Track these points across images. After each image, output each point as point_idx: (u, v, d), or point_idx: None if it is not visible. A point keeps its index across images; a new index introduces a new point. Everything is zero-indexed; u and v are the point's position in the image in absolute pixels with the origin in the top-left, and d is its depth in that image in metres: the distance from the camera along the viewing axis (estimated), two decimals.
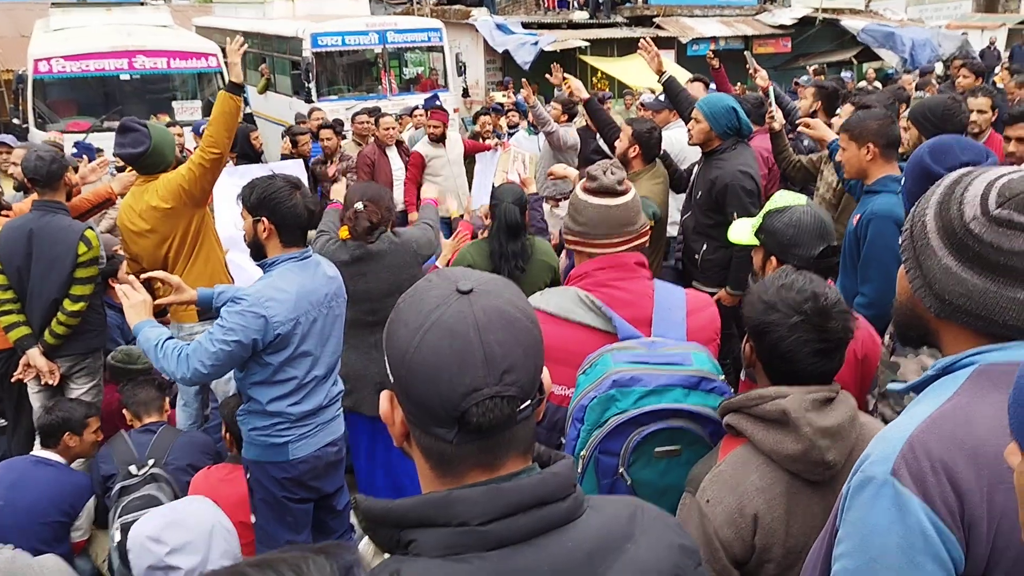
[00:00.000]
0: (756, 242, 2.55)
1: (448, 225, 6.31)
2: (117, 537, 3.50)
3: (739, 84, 8.04)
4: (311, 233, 3.47)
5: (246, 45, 4.18)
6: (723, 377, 1.94)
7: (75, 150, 7.38)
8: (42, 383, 4.20)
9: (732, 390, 1.94)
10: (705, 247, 4.43)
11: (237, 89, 4.05)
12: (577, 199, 2.26)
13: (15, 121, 10.88)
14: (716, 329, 2.24)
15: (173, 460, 3.70)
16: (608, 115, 5.60)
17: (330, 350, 3.12)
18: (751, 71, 6.60)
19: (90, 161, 5.51)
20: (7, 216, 4.67)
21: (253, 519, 3.28)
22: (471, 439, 1.00)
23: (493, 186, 6.37)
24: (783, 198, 2.56)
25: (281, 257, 2.97)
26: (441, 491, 1.01)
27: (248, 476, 3.24)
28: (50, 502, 3.53)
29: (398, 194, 7.14)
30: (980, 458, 1.15)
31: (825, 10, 20.27)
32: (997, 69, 10.11)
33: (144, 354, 4.57)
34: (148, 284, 3.17)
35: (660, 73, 5.35)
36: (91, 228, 4.21)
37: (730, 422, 1.76)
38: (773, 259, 2.48)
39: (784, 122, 5.05)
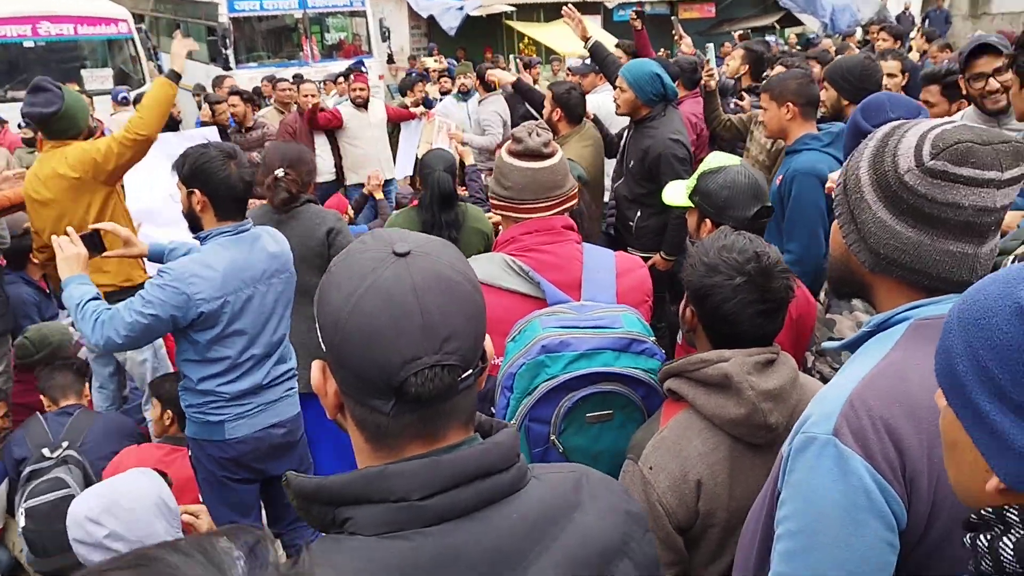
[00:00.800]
0: (691, 204, 2.53)
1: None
2: (22, 522, 3.36)
3: (663, 50, 8.05)
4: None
5: (195, 46, 4.08)
6: (654, 339, 1.91)
7: None
8: None
9: (663, 352, 1.92)
10: (639, 214, 4.44)
11: (175, 77, 4.04)
12: (502, 162, 2.19)
13: None
14: (647, 291, 2.22)
15: (90, 442, 3.55)
16: (537, 92, 5.65)
17: (271, 328, 2.97)
18: (676, 37, 6.60)
19: None
20: None
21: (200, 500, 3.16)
22: (409, 410, 0.95)
23: (417, 156, 6.28)
24: (717, 159, 2.55)
25: (213, 231, 2.83)
26: (377, 465, 0.95)
27: (190, 454, 3.13)
28: None
29: (321, 163, 6.96)
30: (919, 413, 1.16)
31: None
32: (913, 33, 10.37)
33: (61, 340, 4.43)
34: (97, 236, 2.98)
35: (585, 39, 5.32)
36: None
37: (671, 387, 1.74)
38: (708, 221, 2.46)
39: (718, 79, 5.10)
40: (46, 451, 3.46)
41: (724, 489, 1.66)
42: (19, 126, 6.85)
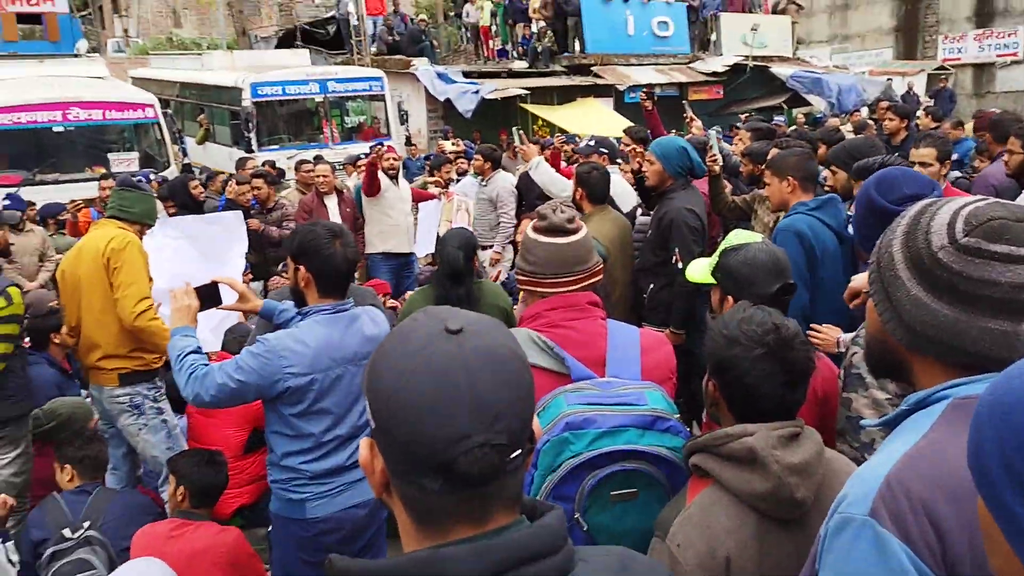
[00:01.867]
0: (712, 281, 2.56)
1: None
2: None
3: (674, 131, 8.20)
4: None
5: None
6: (679, 416, 1.91)
7: (7, 202, 7.19)
8: None
9: (688, 429, 1.92)
10: (652, 285, 4.48)
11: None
12: (528, 238, 2.23)
13: None
14: (672, 368, 2.22)
15: (110, 522, 3.52)
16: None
17: (358, 411, 2.93)
18: (688, 119, 6.75)
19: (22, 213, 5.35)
20: None
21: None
22: (457, 490, 0.93)
23: (438, 235, 6.38)
24: (738, 236, 2.58)
25: (312, 308, 2.86)
26: (425, 549, 0.94)
27: (270, 530, 3.10)
28: None
29: None
30: (959, 496, 1.12)
31: (755, 58, 20.96)
32: (919, 112, 10.54)
33: (73, 413, 4.45)
34: (214, 289, 3.08)
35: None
36: (15, 285, 4.03)
37: (696, 462, 1.73)
38: (730, 298, 2.48)
39: (723, 165, 5.19)
40: (67, 532, 3.43)
41: (754, 565, 1.63)
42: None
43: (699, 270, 2.71)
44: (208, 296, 3.05)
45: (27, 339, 4.53)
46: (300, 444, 2.87)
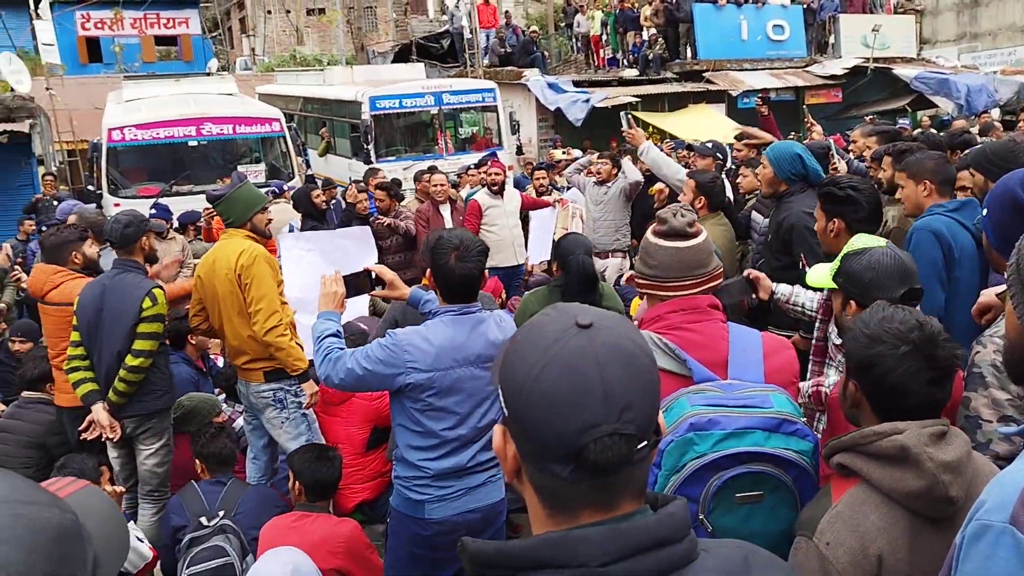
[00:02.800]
0: (834, 285, 2.51)
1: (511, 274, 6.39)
2: None
3: (792, 133, 8.01)
4: None
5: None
6: (804, 420, 1.89)
7: (154, 211, 7.74)
8: (103, 439, 4.22)
9: (814, 433, 1.89)
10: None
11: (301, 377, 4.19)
12: (648, 242, 2.25)
13: (90, 188, 11.34)
14: (795, 373, 2.19)
15: (243, 513, 3.73)
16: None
17: (480, 413, 2.99)
18: (808, 124, 6.59)
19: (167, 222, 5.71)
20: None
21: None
22: (587, 477, 0.97)
23: (554, 241, 6.41)
24: (861, 240, 2.53)
25: (440, 309, 2.99)
26: (558, 531, 0.98)
27: (387, 524, 3.24)
28: None
29: None
30: None
31: (876, 60, 20.17)
32: None
33: (197, 406, 4.72)
34: (366, 277, 3.29)
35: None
36: (160, 287, 4.30)
37: (842, 461, 1.72)
38: (853, 303, 2.43)
39: (844, 170, 5.05)
40: (203, 520, 3.65)
41: (906, 564, 1.61)
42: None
43: (820, 275, 2.66)
44: (355, 284, 3.23)
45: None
46: (422, 440, 2.96)
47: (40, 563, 0.78)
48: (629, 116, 6.13)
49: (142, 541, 3.53)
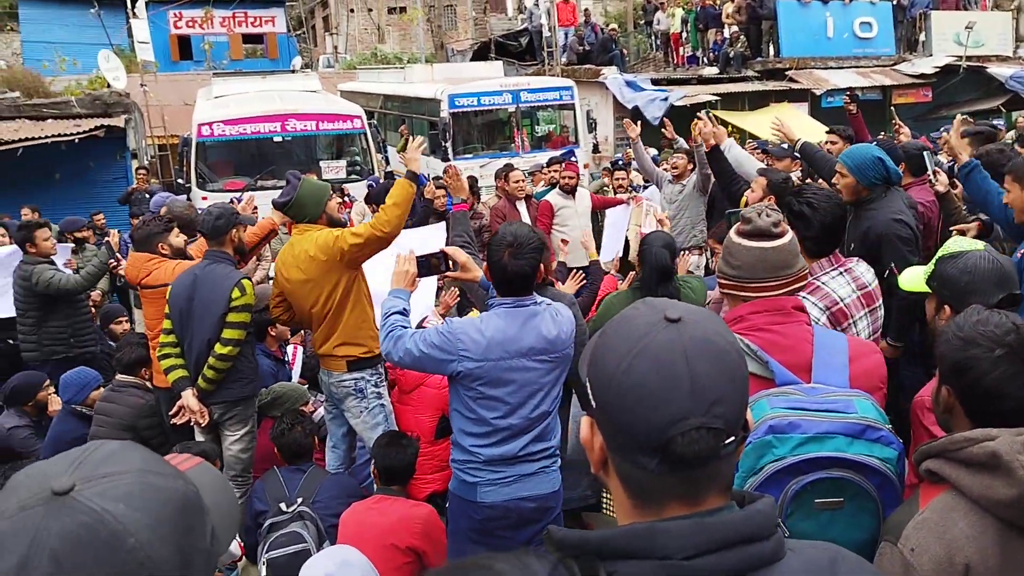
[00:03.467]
0: (928, 290, 2.45)
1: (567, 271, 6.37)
2: (264, 571, 3.65)
3: (883, 133, 7.78)
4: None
5: (426, 144, 4.41)
6: (890, 427, 1.86)
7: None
8: (191, 424, 4.39)
9: (900, 440, 1.85)
10: None
11: (414, 178, 4.29)
12: (731, 242, 2.24)
13: (179, 181, 11.76)
14: (882, 377, 2.15)
15: (321, 500, 3.83)
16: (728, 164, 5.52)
17: (533, 404, 3.05)
18: (895, 127, 6.40)
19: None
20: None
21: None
22: (673, 470, 0.98)
23: (627, 239, 6.38)
24: (957, 243, 2.46)
25: (495, 301, 3.09)
26: (643, 522, 0.99)
27: (447, 505, 3.35)
28: None
29: None
30: None
31: (969, 58, 19.41)
32: None
33: (286, 393, 4.85)
34: (439, 258, 3.38)
35: (794, 142, 5.28)
36: (248, 278, 4.45)
37: (931, 467, 1.68)
38: (947, 308, 2.37)
39: (947, 182, 4.86)
40: (283, 505, 3.78)
41: (995, 574, 1.56)
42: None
43: (913, 278, 2.59)
44: (427, 264, 3.33)
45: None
46: (474, 427, 3.06)
47: (167, 530, 0.83)
48: (711, 115, 6.05)
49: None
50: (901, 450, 1.85)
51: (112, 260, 7.11)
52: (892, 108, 6.91)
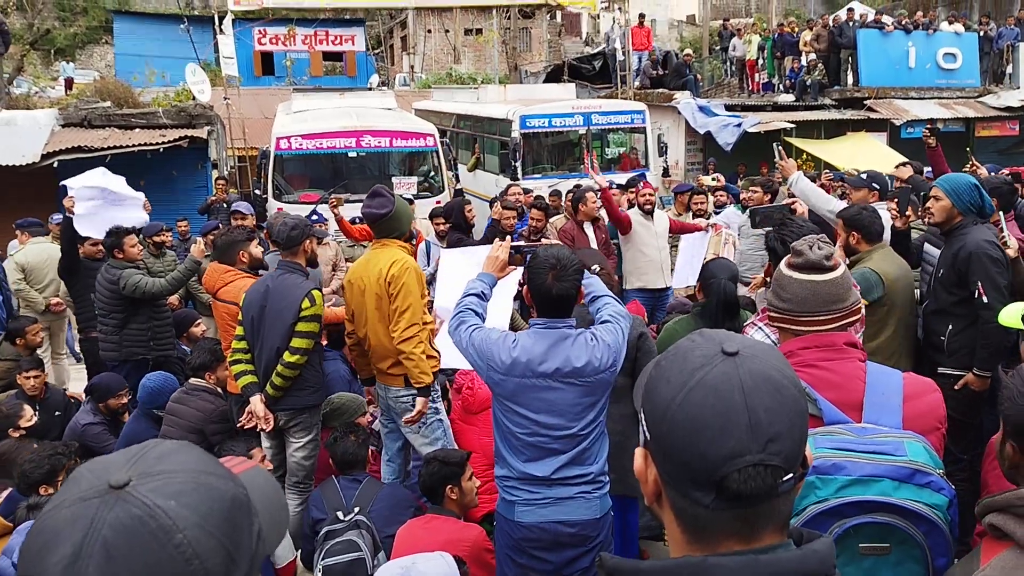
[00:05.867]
0: (1022, 327, 2.38)
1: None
2: None
3: (969, 165, 7.56)
4: None
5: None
6: (942, 471, 1.81)
7: (315, 217, 8.21)
8: (257, 429, 4.50)
9: (951, 486, 1.81)
10: (951, 327, 4.21)
11: (426, 392, 4.28)
12: (782, 275, 2.19)
13: (256, 192, 12.12)
14: (940, 418, 2.08)
15: (376, 511, 3.90)
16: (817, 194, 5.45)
17: (561, 426, 3.02)
18: (971, 168, 6.25)
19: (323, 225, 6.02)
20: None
21: None
22: (729, 506, 0.96)
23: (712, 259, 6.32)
24: None
25: (532, 321, 3.13)
26: (696, 556, 0.98)
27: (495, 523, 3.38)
28: None
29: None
30: None
31: None
32: None
33: (345, 404, 4.93)
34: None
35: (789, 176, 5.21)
36: (318, 289, 4.57)
37: (994, 522, 1.61)
38: None
39: (1016, 247, 4.69)
40: (340, 514, 3.86)
41: None
42: (352, 221, 7.97)
43: (1012, 314, 2.52)
44: (521, 253, 3.37)
45: (324, 338, 5.12)
46: (504, 441, 3.11)
47: (214, 528, 0.88)
48: (780, 147, 5.99)
49: (290, 546, 3.78)
50: (952, 496, 1.80)
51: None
52: (968, 149, 6.71)
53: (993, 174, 7.15)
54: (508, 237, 3.48)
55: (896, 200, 5.06)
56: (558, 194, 9.94)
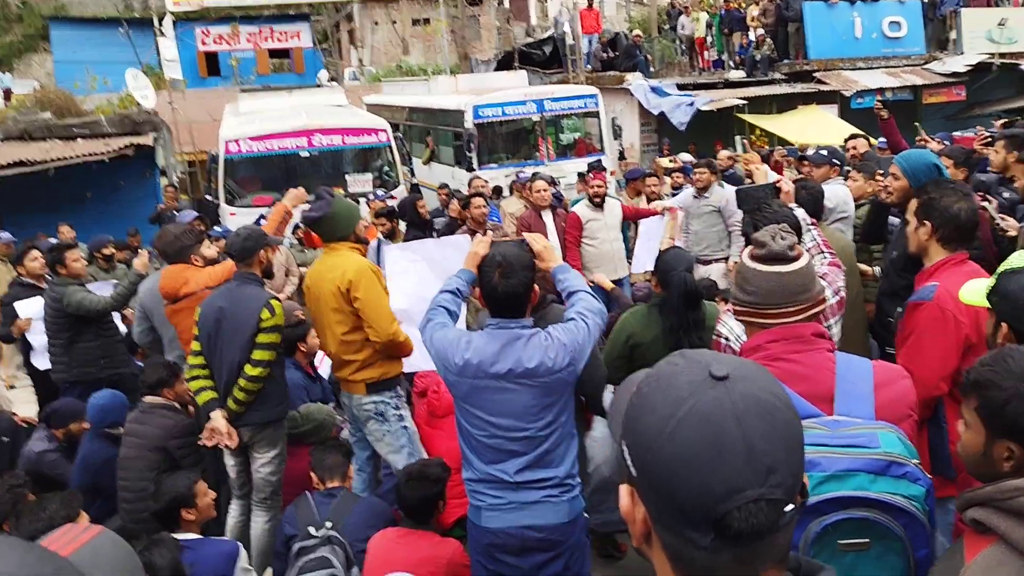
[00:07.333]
0: (987, 305, 2.35)
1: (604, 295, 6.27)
2: None
3: (918, 139, 7.61)
4: None
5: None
6: (917, 461, 1.78)
7: (263, 222, 8.00)
8: (221, 446, 4.36)
9: (927, 476, 1.78)
10: (900, 310, 4.19)
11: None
12: (745, 267, 2.15)
13: (208, 197, 11.89)
14: (910, 404, 2.06)
15: (350, 525, 3.80)
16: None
17: (519, 427, 2.96)
18: (921, 142, 6.28)
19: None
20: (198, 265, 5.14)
21: None
22: (728, 546, 0.89)
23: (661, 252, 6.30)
24: (1021, 258, 2.34)
25: (489, 321, 3.05)
26: None
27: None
28: None
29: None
30: None
31: (1003, 55, 19.04)
32: None
33: (324, 421, 4.84)
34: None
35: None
36: (276, 298, 4.43)
37: (977, 517, 1.58)
38: (1004, 326, 2.26)
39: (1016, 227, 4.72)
40: (312, 530, 3.75)
41: None
42: (296, 227, 7.78)
43: (973, 292, 2.48)
44: None
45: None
46: (465, 441, 3.07)
47: None
48: (744, 141, 5.98)
49: (249, 571, 3.67)
50: (929, 486, 1.78)
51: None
52: (917, 124, 6.74)
53: (946, 143, 7.20)
54: (488, 232, 3.39)
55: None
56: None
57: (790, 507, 0.91)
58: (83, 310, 5.94)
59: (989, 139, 6.60)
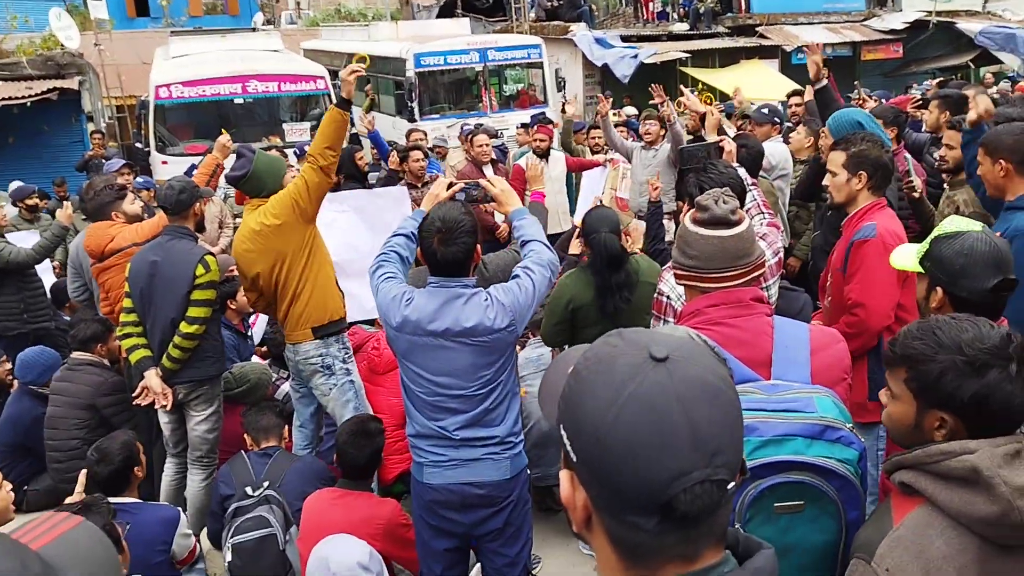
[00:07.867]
0: (920, 270, 2.38)
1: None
2: (228, 557, 3.59)
3: (855, 98, 7.69)
4: None
5: (364, 68, 4.18)
6: (851, 425, 1.81)
7: (195, 172, 7.73)
8: (157, 406, 4.25)
9: (861, 440, 1.81)
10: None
11: (346, 104, 4.10)
12: (687, 231, 2.13)
13: (138, 145, 11.46)
14: (845, 368, 2.09)
15: (288, 483, 3.77)
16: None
17: (460, 385, 2.96)
18: (858, 102, 6.36)
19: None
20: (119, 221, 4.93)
21: None
22: (673, 528, 0.89)
23: (601, 202, 6.30)
24: (954, 223, 2.35)
25: (431, 279, 3.02)
26: None
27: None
28: (145, 547, 3.30)
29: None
30: None
31: (939, 13, 19.37)
32: None
33: (259, 380, 4.75)
34: (477, 191, 3.26)
35: (817, 79, 5.03)
36: (211, 254, 4.30)
37: (905, 479, 1.60)
38: (939, 290, 2.29)
39: (921, 187, 4.80)
40: (249, 489, 3.70)
41: None
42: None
43: (906, 256, 2.51)
44: (464, 196, 3.21)
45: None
46: (408, 397, 3.07)
47: None
48: (691, 91, 5.96)
49: (188, 536, 3.60)
50: (862, 450, 1.80)
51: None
52: (856, 83, 6.81)
53: (883, 102, 7.30)
54: (452, 178, 3.33)
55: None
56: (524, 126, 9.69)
57: (731, 485, 0.91)
58: (2, 262, 5.71)
59: (920, 102, 6.73)
